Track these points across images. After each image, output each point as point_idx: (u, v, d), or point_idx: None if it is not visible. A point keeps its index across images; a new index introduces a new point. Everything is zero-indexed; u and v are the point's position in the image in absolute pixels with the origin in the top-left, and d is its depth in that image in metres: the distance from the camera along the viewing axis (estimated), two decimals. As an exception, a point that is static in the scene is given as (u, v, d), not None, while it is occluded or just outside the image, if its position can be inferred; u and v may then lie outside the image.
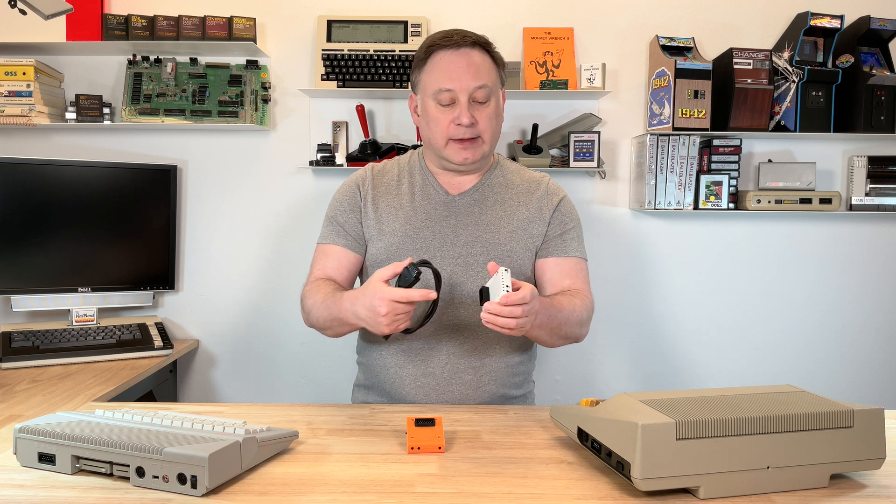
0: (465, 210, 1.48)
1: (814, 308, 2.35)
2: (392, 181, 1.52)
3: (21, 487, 0.94)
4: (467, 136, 1.41)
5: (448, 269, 1.43)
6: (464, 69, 1.40)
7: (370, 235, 1.49)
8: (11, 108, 2.07)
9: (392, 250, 1.45)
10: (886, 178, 2.25)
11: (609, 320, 2.34)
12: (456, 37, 1.42)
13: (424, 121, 1.46)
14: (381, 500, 0.93)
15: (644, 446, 0.88)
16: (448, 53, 1.41)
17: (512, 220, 1.48)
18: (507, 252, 1.45)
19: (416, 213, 1.47)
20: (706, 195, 2.19)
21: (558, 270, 1.50)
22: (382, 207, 1.49)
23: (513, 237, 1.47)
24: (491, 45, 1.46)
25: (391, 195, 1.50)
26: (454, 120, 1.40)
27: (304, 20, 2.26)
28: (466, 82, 1.39)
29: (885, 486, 0.98)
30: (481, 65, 1.42)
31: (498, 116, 1.47)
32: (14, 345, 1.90)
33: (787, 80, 2.16)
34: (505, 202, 1.50)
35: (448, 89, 1.40)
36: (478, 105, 1.42)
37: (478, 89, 1.40)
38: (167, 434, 0.97)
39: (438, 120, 1.42)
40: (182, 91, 2.20)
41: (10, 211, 1.99)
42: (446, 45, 1.41)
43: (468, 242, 1.45)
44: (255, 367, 2.35)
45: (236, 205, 2.30)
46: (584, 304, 1.45)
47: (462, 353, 1.44)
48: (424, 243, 1.45)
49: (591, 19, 2.27)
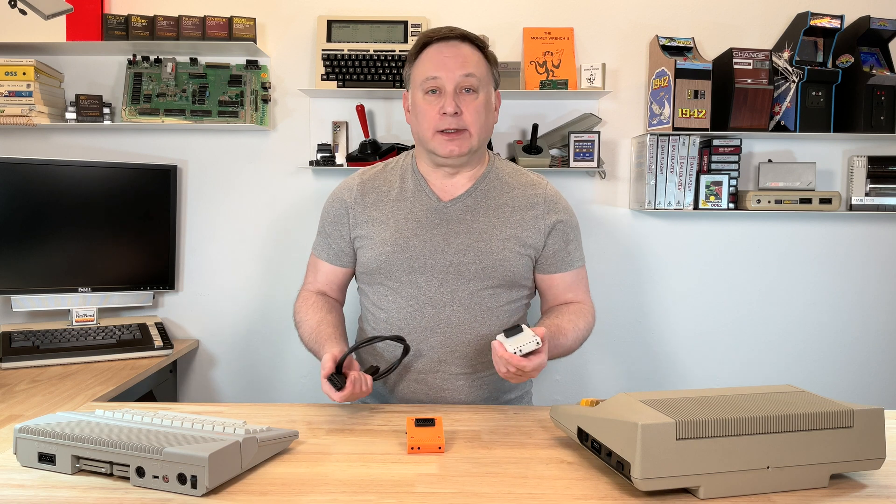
0: (456, 217, 1.45)
1: (814, 308, 2.35)
2: (383, 187, 1.50)
3: (21, 487, 0.94)
4: (453, 126, 1.39)
5: (439, 278, 1.42)
6: (450, 58, 1.39)
7: (361, 243, 1.48)
8: (11, 108, 2.07)
9: (382, 259, 1.44)
10: (886, 178, 2.25)
11: (609, 320, 2.34)
12: (444, 30, 1.43)
13: (414, 115, 1.45)
14: (380, 500, 0.93)
15: (644, 446, 0.88)
16: (437, 45, 1.42)
17: (505, 228, 1.45)
18: (500, 261, 1.42)
19: (408, 221, 1.45)
20: (706, 195, 2.19)
21: (562, 286, 1.51)
22: (373, 216, 1.47)
23: (505, 246, 1.43)
24: (482, 42, 1.45)
25: (382, 203, 1.48)
26: (440, 110, 1.39)
27: (304, 20, 2.26)
28: (453, 71, 1.39)
29: (885, 486, 0.98)
30: (469, 56, 1.41)
31: (487, 111, 1.44)
32: (14, 345, 1.90)
33: (787, 80, 2.16)
34: (499, 208, 1.46)
35: (434, 76, 1.39)
36: (465, 96, 1.40)
37: (464, 77, 1.39)
38: (167, 434, 0.97)
39: (426, 112, 1.41)
40: (182, 91, 2.20)
41: (10, 211, 1.99)
42: (436, 39, 1.42)
43: (459, 251, 1.42)
44: (255, 367, 2.35)
45: (236, 205, 2.30)
46: (586, 322, 1.47)
47: (454, 360, 1.43)
48: (415, 252, 1.42)
49: (591, 19, 2.27)
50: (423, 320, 1.42)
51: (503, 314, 1.45)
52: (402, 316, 1.43)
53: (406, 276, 1.42)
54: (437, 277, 1.42)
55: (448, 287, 1.42)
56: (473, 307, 1.42)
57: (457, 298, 1.42)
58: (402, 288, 1.43)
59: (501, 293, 1.45)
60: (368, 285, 1.50)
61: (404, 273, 1.42)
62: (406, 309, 1.43)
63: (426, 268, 1.42)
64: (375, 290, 1.47)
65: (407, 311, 1.43)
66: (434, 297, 1.42)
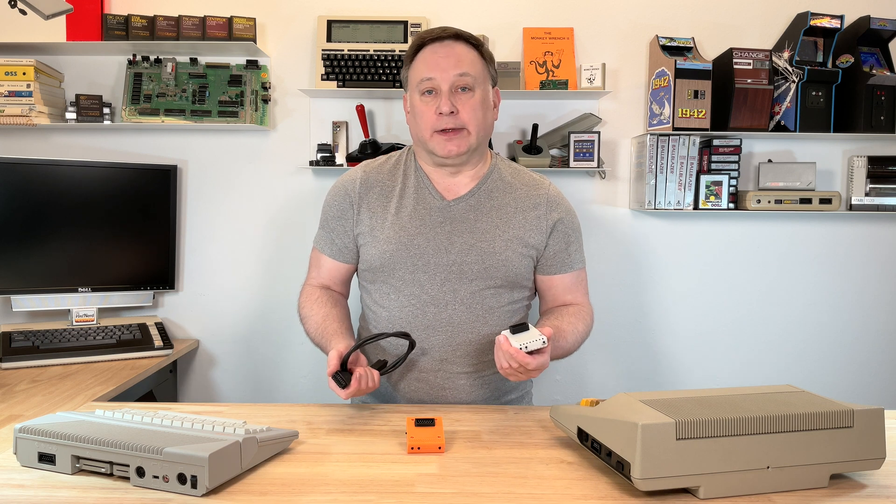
0: (460, 217, 1.45)
1: (814, 308, 2.35)
2: (386, 182, 1.49)
3: (21, 487, 0.94)
4: (450, 125, 1.39)
5: (442, 277, 1.42)
6: (444, 58, 1.40)
7: (364, 240, 1.47)
8: (11, 108, 2.07)
9: (386, 258, 1.44)
10: (886, 178, 2.25)
11: (609, 320, 2.34)
12: (438, 30, 1.43)
13: (412, 116, 1.46)
14: (380, 499, 0.93)
15: (644, 446, 0.88)
16: (432, 46, 1.42)
17: (508, 229, 1.45)
18: (503, 261, 1.43)
19: (411, 219, 1.45)
20: (706, 195, 2.19)
21: (562, 287, 1.51)
22: (377, 211, 1.47)
23: (508, 246, 1.44)
24: (478, 41, 1.45)
25: (385, 198, 1.48)
26: (437, 110, 1.39)
27: (304, 20, 2.26)
28: (447, 70, 1.39)
29: (885, 486, 0.98)
30: (464, 55, 1.41)
31: (485, 108, 1.43)
32: (14, 345, 1.90)
33: (787, 80, 2.16)
34: (502, 208, 1.46)
35: (429, 77, 1.39)
36: (460, 95, 1.40)
37: (459, 77, 1.39)
38: (167, 434, 0.97)
39: (423, 112, 1.41)
40: (182, 91, 2.20)
41: (10, 211, 1.99)
42: (431, 40, 1.42)
43: (463, 250, 1.42)
44: (255, 367, 2.35)
45: (236, 205, 2.30)
46: (585, 325, 1.48)
47: (456, 358, 1.43)
48: (418, 250, 1.43)
49: (591, 19, 2.27)
50: (425, 319, 1.42)
51: (505, 314, 1.46)
52: (404, 315, 1.43)
53: (409, 275, 1.43)
54: (440, 276, 1.42)
55: (450, 286, 1.42)
56: (475, 307, 1.42)
57: (459, 298, 1.42)
58: (405, 286, 1.43)
59: (503, 293, 1.45)
60: (371, 283, 1.50)
61: (407, 271, 1.42)
62: (408, 308, 1.43)
63: (429, 266, 1.42)
64: (378, 288, 1.47)
65: (409, 310, 1.43)
66: (436, 296, 1.42)
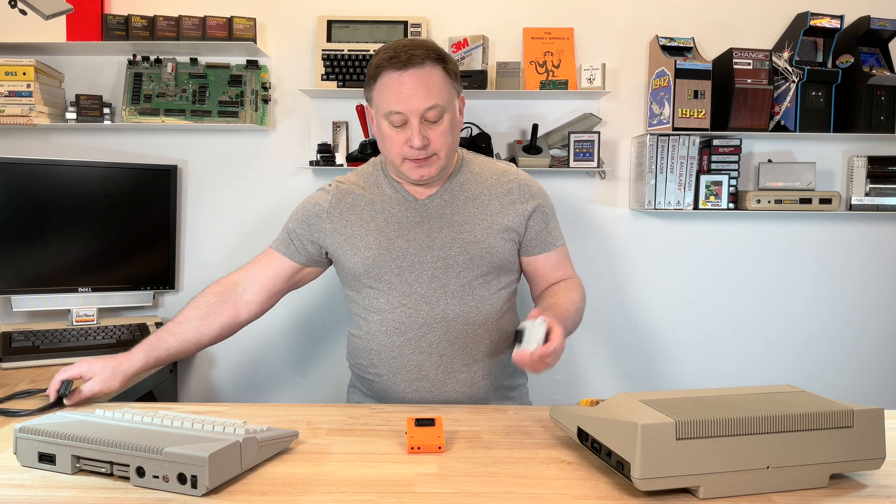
0: (436, 213, 1.45)
1: (814, 308, 2.35)
2: (358, 193, 1.50)
3: (21, 487, 0.94)
4: (421, 156, 1.38)
5: (429, 274, 1.43)
6: (412, 90, 1.33)
7: (342, 250, 1.47)
8: (11, 108, 2.07)
9: (369, 263, 1.44)
10: (886, 178, 2.25)
11: (609, 320, 2.34)
12: (403, 56, 1.33)
13: (380, 137, 1.43)
14: (380, 499, 0.93)
15: (644, 446, 0.88)
16: (396, 74, 1.33)
17: (486, 216, 1.46)
18: (486, 248, 1.44)
19: (388, 223, 1.45)
20: (706, 195, 2.19)
21: (548, 266, 1.54)
22: (353, 222, 1.47)
23: (489, 233, 1.45)
24: (442, 54, 1.38)
25: (359, 208, 1.48)
26: (407, 141, 1.36)
27: (304, 20, 2.26)
28: (416, 104, 1.34)
29: (885, 486, 0.98)
30: (431, 82, 1.34)
31: (454, 130, 1.41)
32: (14, 345, 1.90)
33: (786, 80, 2.16)
34: (476, 198, 1.47)
35: (398, 112, 1.35)
36: (430, 125, 1.37)
37: (428, 110, 1.35)
38: (167, 434, 0.97)
39: (392, 139, 1.39)
40: (182, 91, 2.20)
41: (10, 211, 1.99)
42: (394, 66, 1.33)
43: (445, 245, 1.43)
44: (255, 367, 2.35)
45: (236, 205, 2.30)
46: (579, 293, 1.52)
47: (454, 352, 1.44)
48: (400, 252, 1.43)
49: (591, 19, 2.27)
50: (419, 317, 1.42)
51: (496, 301, 1.47)
52: (397, 316, 1.43)
53: (395, 277, 1.43)
54: (427, 274, 1.43)
55: (439, 282, 1.43)
56: (466, 298, 1.43)
57: (449, 292, 1.43)
58: (393, 288, 1.44)
59: (492, 280, 1.46)
60: (357, 291, 1.50)
61: (393, 274, 1.43)
62: (400, 308, 1.43)
63: (414, 266, 1.43)
64: (365, 294, 1.47)
65: (401, 311, 1.43)
66: (426, 294, 1.42)
